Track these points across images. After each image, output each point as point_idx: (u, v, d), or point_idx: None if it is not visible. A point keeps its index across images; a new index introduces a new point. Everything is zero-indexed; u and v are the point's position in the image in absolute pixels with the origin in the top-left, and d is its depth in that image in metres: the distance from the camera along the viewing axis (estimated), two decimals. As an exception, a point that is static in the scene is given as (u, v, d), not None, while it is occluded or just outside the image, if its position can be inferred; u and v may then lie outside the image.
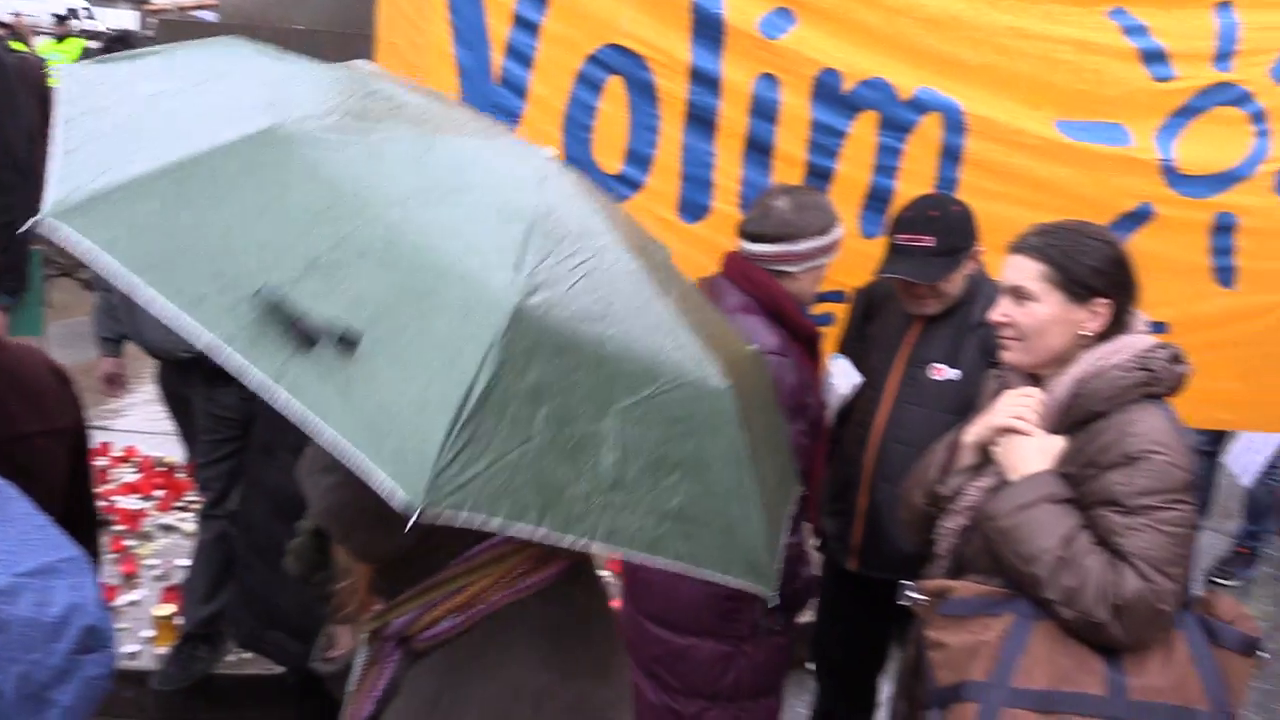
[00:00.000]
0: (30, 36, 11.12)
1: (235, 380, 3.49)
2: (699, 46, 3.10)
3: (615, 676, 1.43)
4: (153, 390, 3.88)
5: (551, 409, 1.08)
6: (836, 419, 3.04)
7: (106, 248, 0.99)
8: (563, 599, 1.39)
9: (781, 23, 3.10)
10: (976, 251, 2.85)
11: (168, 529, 4.76)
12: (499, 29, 3.09)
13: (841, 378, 3.00)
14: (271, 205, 1.08)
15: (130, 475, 5.26)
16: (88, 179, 1.04)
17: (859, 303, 3.15)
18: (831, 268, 2.87)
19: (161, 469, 5.29)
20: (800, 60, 3.11)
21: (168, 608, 3.85)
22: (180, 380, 3.56)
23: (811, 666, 3.47)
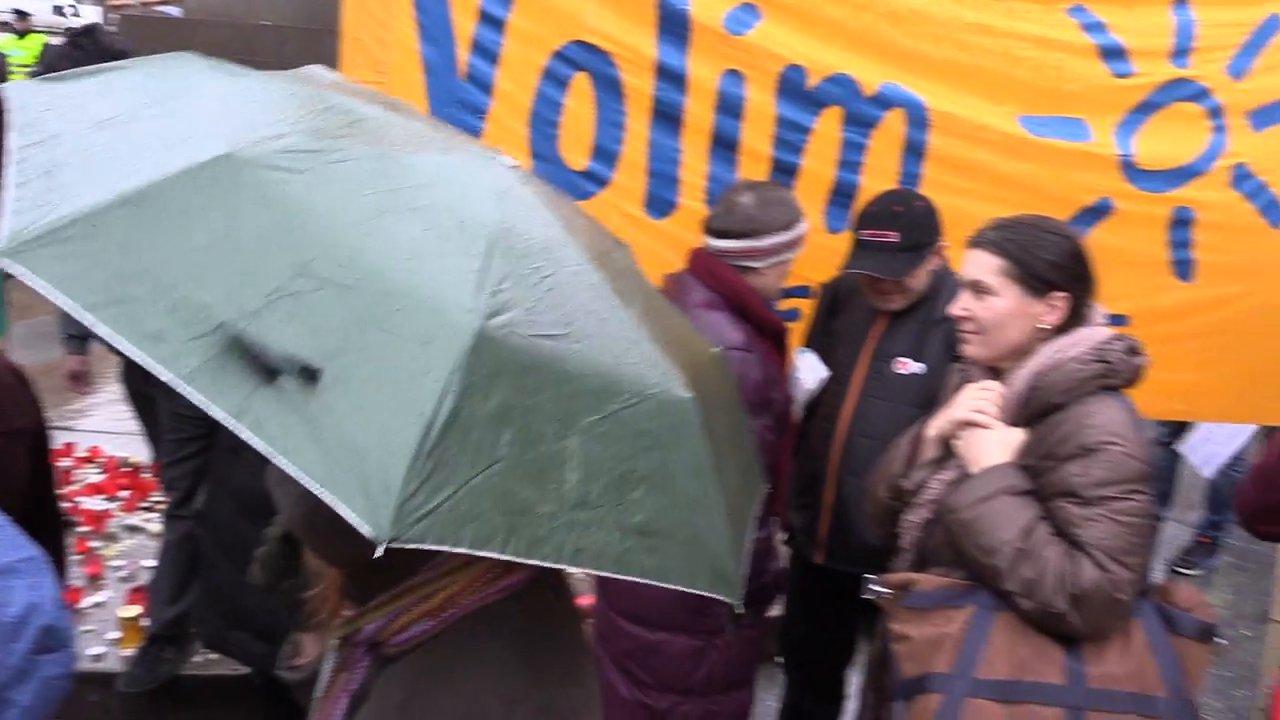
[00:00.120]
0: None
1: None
2: (665, 43, 3.11)
3: (584, 678, 1.44)
4: (117, 390, 3.85)
5: (515, 431, 1.08)
6: (803, 413, 3.05)
7: (61, 285, 0.98)
8: (533, 601, 1.38)
9: (747, 18, 3.11)
10: (941, 247, 2.88)
11: (133, 530, 4.72)
12: (464, 25, 3.08)
13: (808, 372, 3.01)
14: (229, 235, 1.07)
15: (95, 476, 5.21)
16: (41, 214, 1.02)
17: (825, 298, 3.16)
18: (797, 263, 2.89)
19: (126, 469, 5.25)
20: (765, 56, 3.13)
21: (133, 609, 3.82)
22: (145, 379, 3.51)
23: (781, 660, 3.50)
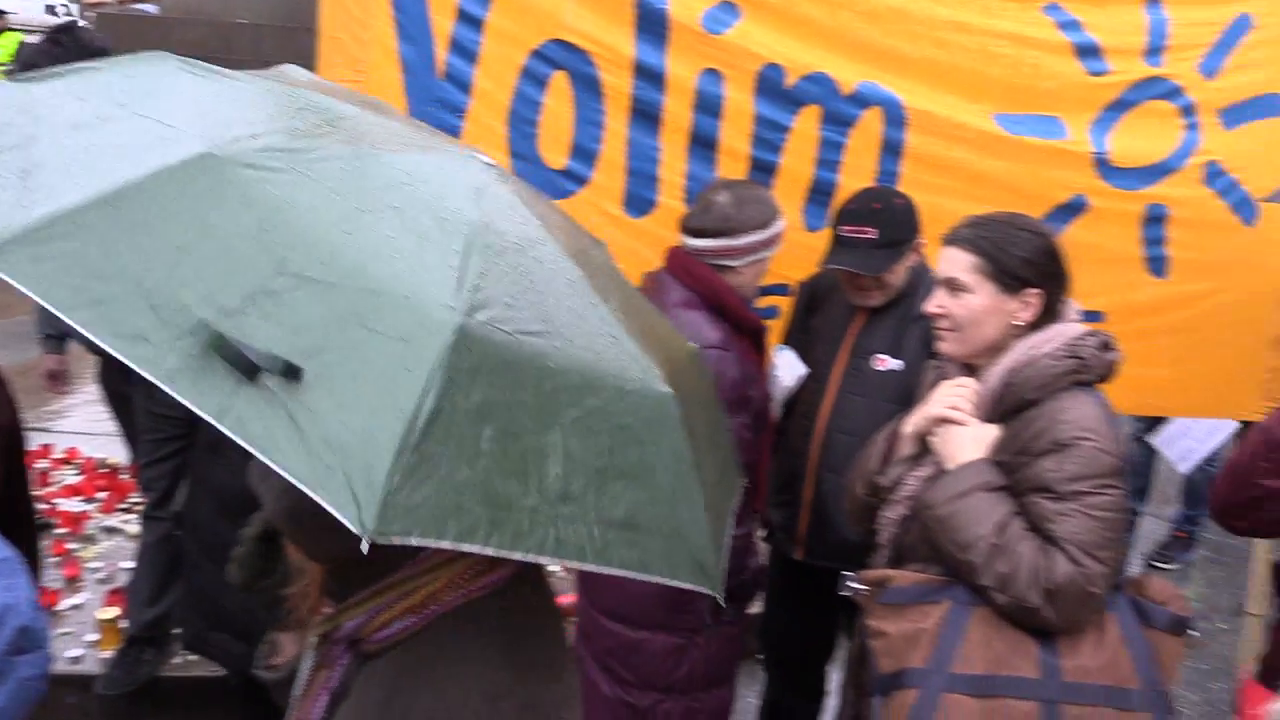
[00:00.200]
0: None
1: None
2: (643, 41, 3.11)
3: (565, 674, 1.44)
4: (95, 391, 3.83)
5: (497, 426, 1.08)
6: (782, 410, 3.06)
7: (40, 286, 0.97)
8: (514, 598, 1.39)
9: (725, 17, 3.12)
10: (919, 244, 2.89)
11: (111, 531, 4.70)
12: (442, 24, 3.07)
13: (786, 369, 3.02)
14: (208, 235, 1.06)
15: (72, 477, 5.19)
16: (20, 216, 1.02)
17: (803, 295, 3.18)
18: (776, 261, 2.89)
19: (104, 470, 5.22)
20: (743, 55, 3.14)
21: (111, 611, 3.80)
22: (122, 378, 3.51)
23: (762, 657, 3.51)
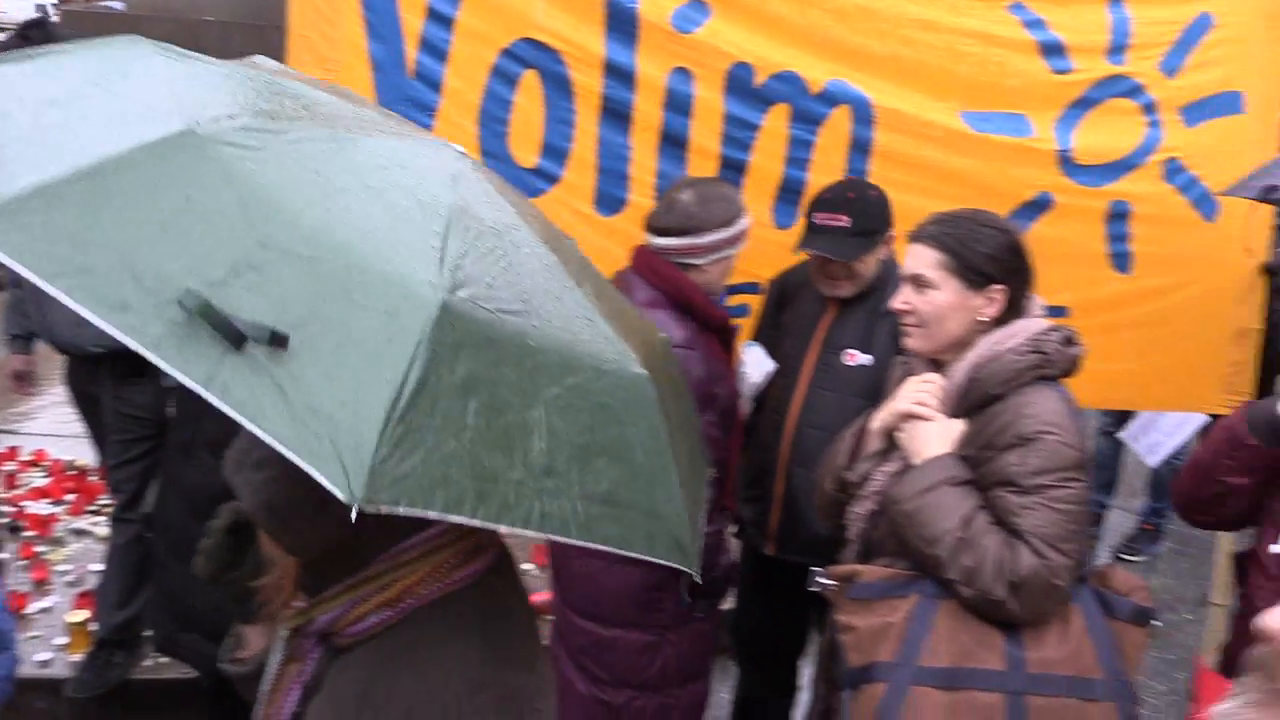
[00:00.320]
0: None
1: (146, 378, 3.39)
2: (613, 40, 3.11)
3: (539, 665, 1.45)
4: (62, 393, 3.79)
5: (481, 401, 1.09)
6: (752, 406, 3.08)
7: (22, 255, 0.97)
8: (489, 591, 1.40)
9: (695, 16, 3.13)
10: (891, 237, 2.91)
11: (80, 533, 4.67)
12: (412, 22, 3.06)
13: (754, 366, 3.04)
14: (190, 208, 1.06)
15: (40, 479, 5.14)
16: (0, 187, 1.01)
17: (774, 291, 3.19)
18: (745, 259, 2.91)
19: (73, 472, 5.17)
20: (713, 54, 3.15)
21: (81, 614, 3.78)
22: (89, 378, 3.48)
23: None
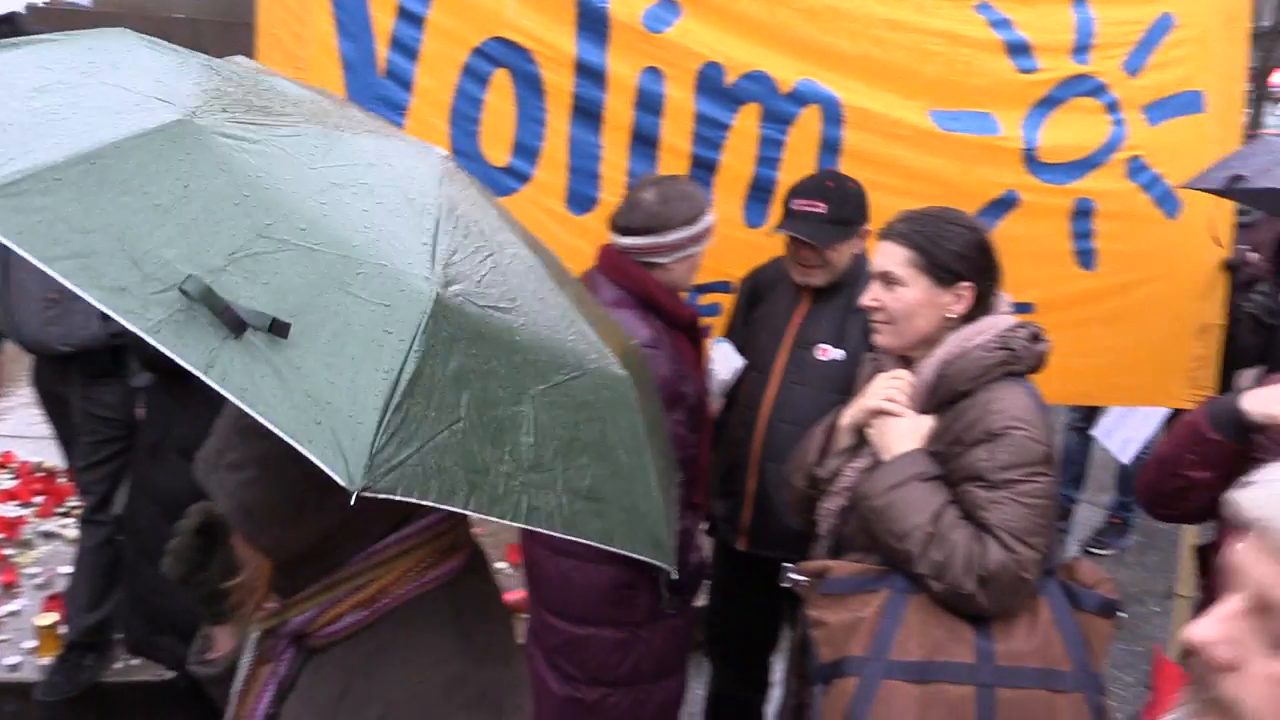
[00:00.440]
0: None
1: (116, 378, 3.35)
2: (584, 40, 3.12)
3: (515, 661, 1.46)
4: (30, 393, 3.75)
5: (473, 394, 1.11)
6: (724, 402, 3.09)
7: (21, 238, 0.96)
8: (464, 589, 1.40)
9: (666, 15, 3.14)
10: (865, 232, 2.93)
11: (49, 536, 4.63)
12: (383, 21, 3.06)
13: (722, 363, 3.05)
14: (188, 197, 1.06)
15: (8, 481, 5.10)
16: None
17: (746, 288, 3.21)
18: (716, 258, 2.92)
19: (41, 474, 5.13)
20: (684, 54, 3.16)
21: (50, 617, 3.74)
22: (57, 378, 3.44)
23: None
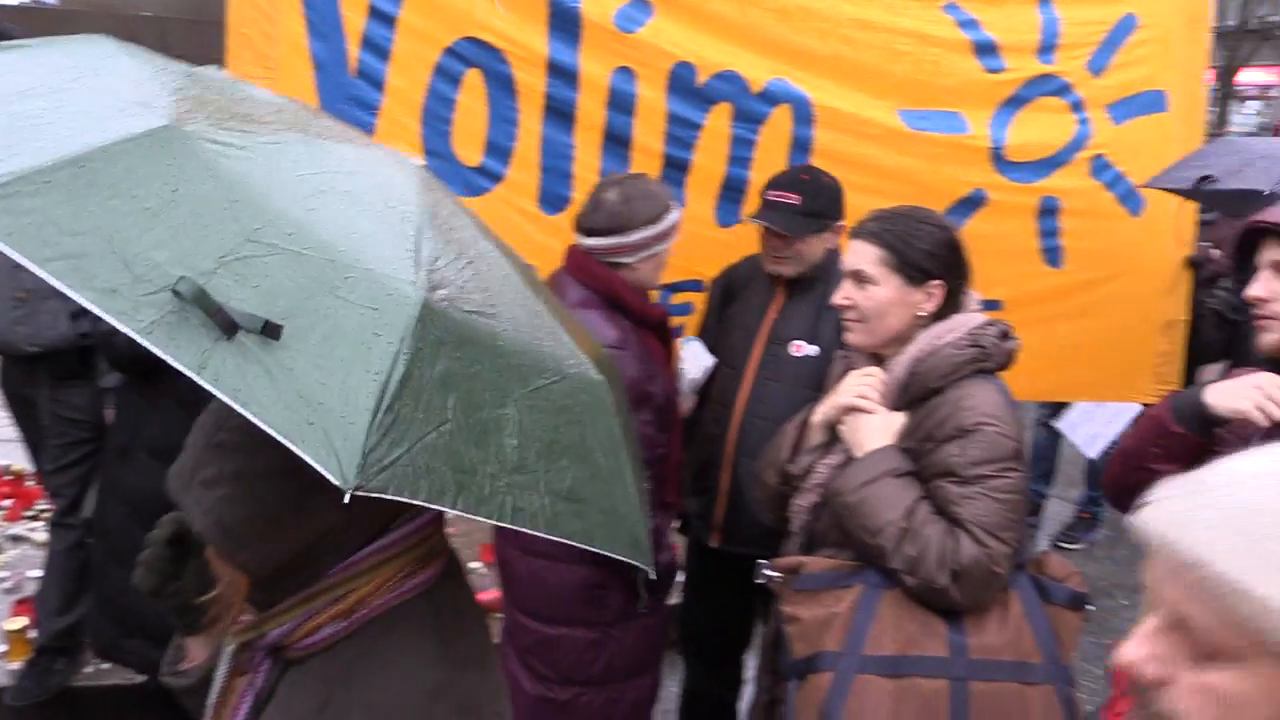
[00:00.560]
0: None
1: (84, 379, 3.32)
2: (556, 40, 3.13)
3: (493, 667, 1.47)
4: (-2, 396, 3.72)
5: (459, 397, 1.13)
6: (697, 400, 3.11)
7: (11, 239, 0.96)
8: (442, 596, 1.41)
9: (638, 15, 3.15)
10: (840, 228, 2.95)
11: (17, 540, 4.59)
12: (354, 21, 3.05)
13: (692, 361, 3.06)
14: (176, 201, 1.07)
15: (-25, 486, 5.03)
16: None
17: (719, 285, 3.23)
18: (688, 257, 2.93)
19: (9, 477, 5.06)
20: (656, 54, 3.18)
21: (19, 621, 3.71)
22: (24, 380, 3.40)
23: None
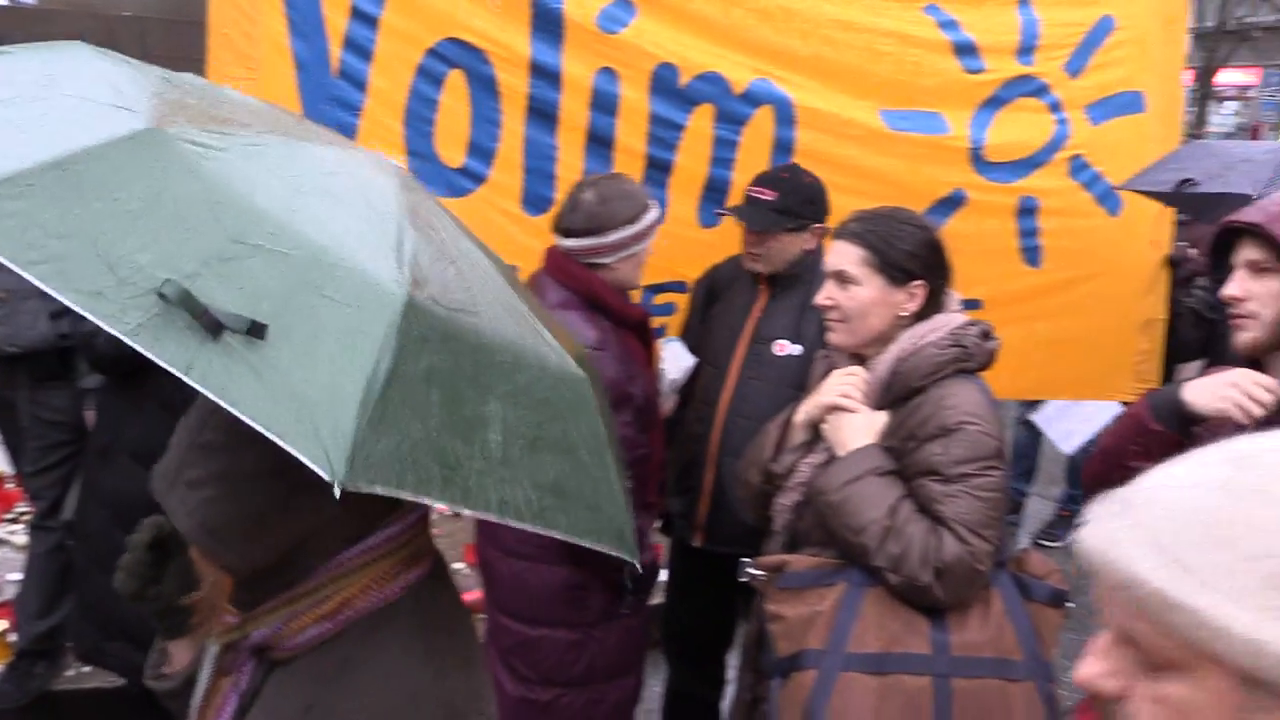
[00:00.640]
0: None
1: (64, 381, 3.29)
2: (539, 41, 3.13)
3: (478, 667, 1.47)
4: (-26, 399, 3.68)
5: (443, 392, 1.14)
6: (680, 400, 3.11)
7: None
8: (428, 597, 1.40)
9: (621, 15, 3.16)
10: (820, 229, 2.96)
11: (-3, 543, 4.54)
12: (336, 21, 3.04)
13: (672, 362, 3.06)
14: (159, 203, 1.08)
15: (-47, 489, 4.97)
16: None
17: (703, 285, 3.24)
18: (670, 258, 2.94)
19: (-12, 481, 5.01)
20: (638, 55, 3.19)
21: (-1, 625, 3.68)
22: (4, 381, 3.37)
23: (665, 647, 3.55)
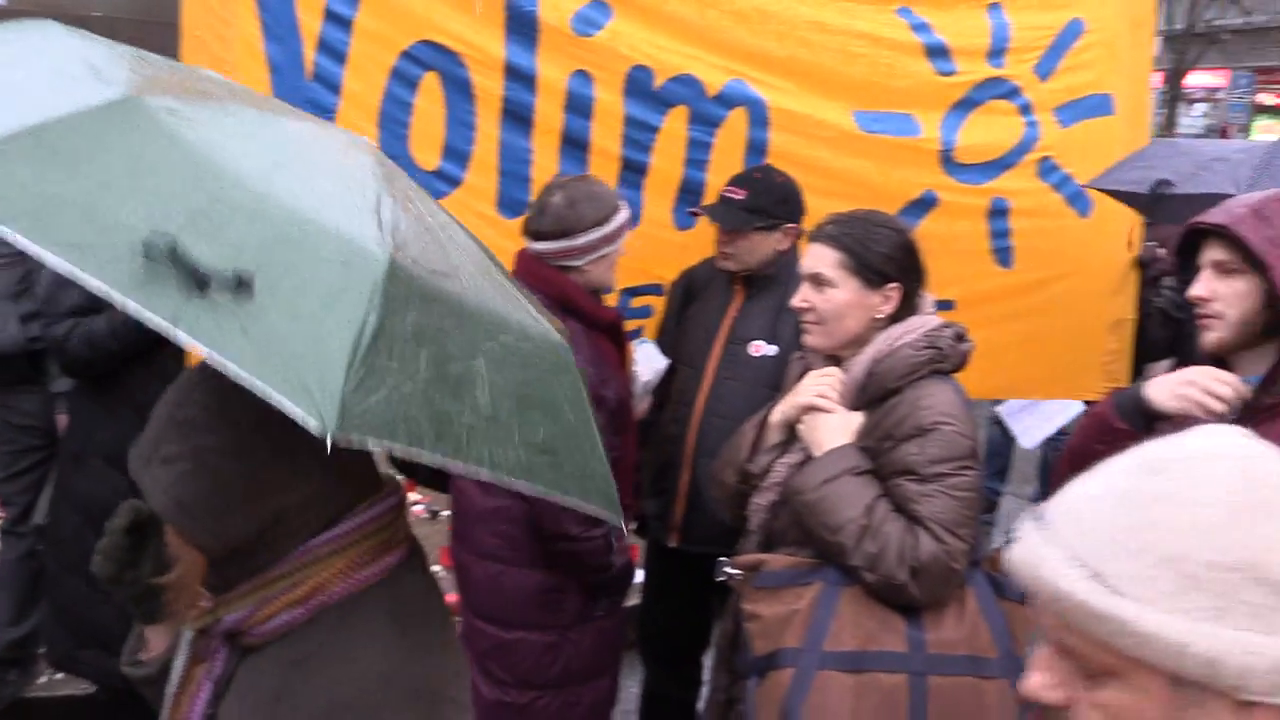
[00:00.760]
0: None
1: (35, 384, 3.27)
2: (513, 44, 3.13)
3: (454, 653, 1.47)
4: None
5: (430, 350, 1.14)
6: (655, 401, 3.12)
7: None
8: (403, 584, 1.40)
9: (596, 18, 3.16)
10: (793, 230, 2.98)
11: (-34, 550, 4.47)
12: (310, 23, 3.03)
13: (645, 364, 3.07)
14: (140, 167, 1.09)
15: (-80, 495, 4.90)
16: None
17: (679, 286, 3.25)
18: (646, 260, 2.95)
19: (-44, 487, 4.95)
20: (613, 57, 3.19)
21: (-31, 633, 3.63)
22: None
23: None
